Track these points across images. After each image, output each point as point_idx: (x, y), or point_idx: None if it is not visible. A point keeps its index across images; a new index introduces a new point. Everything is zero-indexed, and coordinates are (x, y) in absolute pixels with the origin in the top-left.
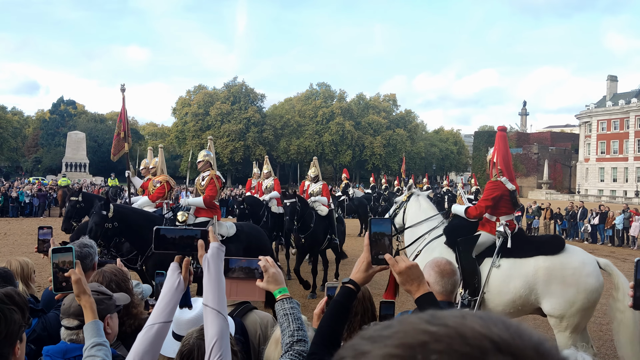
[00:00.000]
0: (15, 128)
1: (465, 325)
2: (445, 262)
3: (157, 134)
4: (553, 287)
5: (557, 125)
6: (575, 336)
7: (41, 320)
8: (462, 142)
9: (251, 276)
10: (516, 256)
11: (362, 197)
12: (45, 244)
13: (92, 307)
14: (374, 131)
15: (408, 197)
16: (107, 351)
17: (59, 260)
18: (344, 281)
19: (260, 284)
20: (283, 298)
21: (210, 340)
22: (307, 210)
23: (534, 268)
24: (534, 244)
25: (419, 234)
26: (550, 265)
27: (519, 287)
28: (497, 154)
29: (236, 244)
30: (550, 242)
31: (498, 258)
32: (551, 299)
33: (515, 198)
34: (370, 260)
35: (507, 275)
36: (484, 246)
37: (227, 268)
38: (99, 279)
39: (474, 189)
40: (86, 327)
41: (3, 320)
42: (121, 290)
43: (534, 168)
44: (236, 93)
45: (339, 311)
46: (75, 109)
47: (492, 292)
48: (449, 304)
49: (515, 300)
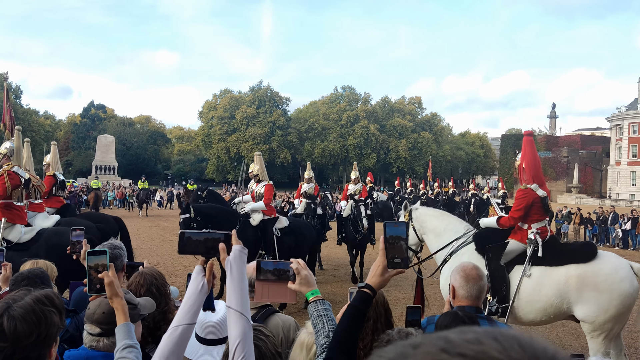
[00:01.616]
0: (47, 132)
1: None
2: (471, 267)
3: (184, 137)
4: (586, 294)
5: (587, 128)
6: (608, 343)
7: (74, 320)
8: (489, 145)
9: (283, 278)
10: (547, 264)
11: (386, 201)
12: (78, 246)
13: (124, 309)
14: (399, 134)
15: (409, 214)
16: (137, 353)
17: (94, 262)
18: (359, 285)
19: (293, 286)
20: (316, 300)
21: (234, 342)
22: None
23: (565, 276)
24: (565, 252)
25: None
26: (582, 272)
27: (550, 296)
28: (525, 159)
29: (290, 236)
30: (582, 249)
31: (529, 266)
32: (584, 305)
33: (547, 204)
34: (386, 265)
35: (538, 284)
36: (513, 254)
37: (259, 270)
38: (139, 281)
39: (501, 193)
40: (118, 329)
41: (44, 322)
42: (161, 294)
43: (564, 172)
44: (261, 97)
45: (355, 316)
46: (105, 113)
47: (523, 300)
48: (476, 309)
49: (547, 308)
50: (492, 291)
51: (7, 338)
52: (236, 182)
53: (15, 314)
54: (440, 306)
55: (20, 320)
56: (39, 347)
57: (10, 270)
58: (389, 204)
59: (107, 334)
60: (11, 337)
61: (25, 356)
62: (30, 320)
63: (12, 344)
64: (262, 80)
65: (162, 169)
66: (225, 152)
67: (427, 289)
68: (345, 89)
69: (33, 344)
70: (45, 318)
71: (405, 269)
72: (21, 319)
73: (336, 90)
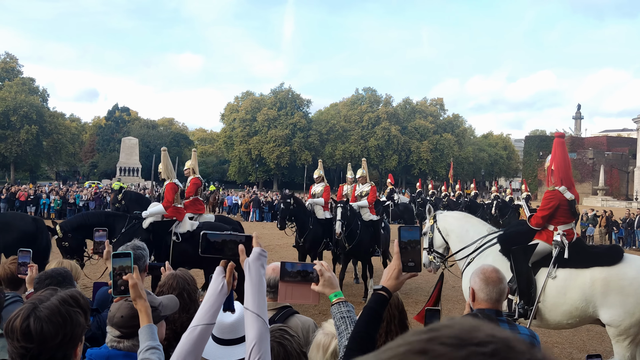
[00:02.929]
0: (73, 134)
1: None
2: (491, 270)
3: (206, 140)
4: (611, 298)
5: (613, 130)
6: (634, 347)
7: (96, 319)
8: (512, 146)
9: (307, 280)
10: (572, 267)
11: (407, 203)
12: (101, 246)
13: (148, 311)
14: (421, 136)
15: (433, 218)
16: (160, 354)
17: (118, 265)
18: (375, 288)
19: (316, 288)
20: (339, 301)
21: (250, 343)
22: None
23: (590, 279)
24: (591, 254)
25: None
26: (607, 276)
27: (575, 299)
28: (554, 161)
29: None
30: (608, 252)
31: (554, 268)
32: (610, 309)
33: (574, 207)
34: (401, 268)
35: (563, 287)
36: (539, 255)
37: (283, 272)
38: (172, 284)
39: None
40: (141, 331)
41: (69, 323)
42: (191, 300)
43: (589, 174)
44: (283, 99)
45: (373, 317)
46: (129, 116)
47: (548, 303)
48: (496, 312)
49: (572, 311)
50: (520, 293)
51: (34, 339)
52: (257, 184)
53: (42, 315)
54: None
55: (46, 321)
56: (65, 348)
57: (36, 272)
58: (410, 206)
59: (127, 337)
60: (37, 338)
61: (51, 356)
62: (56, 321)
63: (38, 344)
64: (283, 83)
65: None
66: (246, 154)
67: (448, 292)
68: (366, 91)
69: (59, 344)
70: (71, 319)
71: (418, 272)
72: (47, 319)
73: (357, 91)
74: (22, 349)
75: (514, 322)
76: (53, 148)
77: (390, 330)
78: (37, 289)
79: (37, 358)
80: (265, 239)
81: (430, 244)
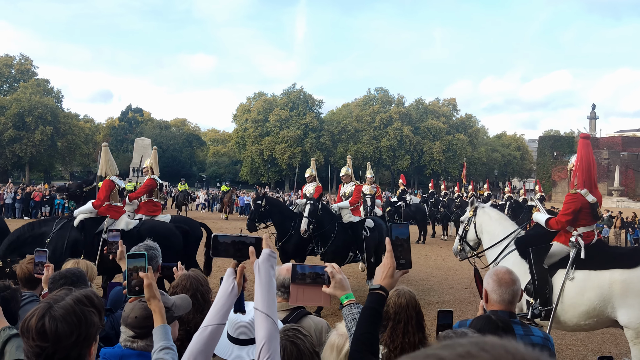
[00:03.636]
0: (87, 135)
1: None
2: (504, 271)
3: (218, 140)
4: (630, 300)
5: (628, 130)
6: None
7: (109, 319)
8: (525, 147)
9: (318, 282)
10: (591, 268)
11: (419, 203)
12: (114, 246)
13: (162, 311)
14: (433, 136)
15: (474, 211)
16: (174, 354)
17: (133, 265)
18: (372, 287)
19: (327, 290)
20: (350, 303)
21: (260, 342)
22: None
23: (609, 281)
24: (611, 255)
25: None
26: (627, 278)
27: (593, 299)
28: (579, 162)
29: None
30: (629, 254)
31: (572, 270)
32: (628, 311)
33: (596, 210)
34: (395, 266)
35: (581, 287)
36: (557, 256)
37: (294, 274)
38: (186, 284)
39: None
40: (155, 331)
41: (84, 323)
42: (205, 301)
43: (604, 174)
44: (294, 99)
45: (374, 317)
46: (142, 116)
47: (566, 304)
48: (509, 314)
49: (590, 312)
50: (536, 294)
51: (49, 338)
52: (269, 185)
53: (57, 315)
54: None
55: (61, 321)
56: (79, 347)
57: (52, 271)
58: (422, 207)
59: (141, 337)
60: (52, 338)
61: (66, 356)
62: (70, 321)
63: (53, 344)
64: (295, 83)
65: (197, 171)
66: (258, 154)
67: (461, 293)
68: (378, 91)
69: (73, 343)
70: (86, 318)
71: (409, 269)
72: (62, 319)
73: (369, 92)
74: (37, 348)
75: (527, 325)
76: (67, 149)
77: (407, 331)
78: (51, 289)
79: (52, 357)
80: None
81: (464, 234)
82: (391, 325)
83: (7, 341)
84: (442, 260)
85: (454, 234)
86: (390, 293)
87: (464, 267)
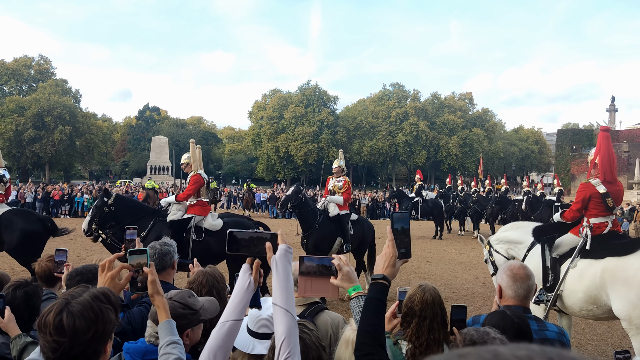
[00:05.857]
0: (105, 134)
1: None
2: (518, 267)
3: (234, 138)
4: (617, 288)
5: None
6: None
7: (126, 315)
8: (543, 140)
9: (325, 274)
10: (593, 257)
11: (436, 199)
12: (131, 244)
13: (165, 307)
14: (450, 131)
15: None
16: (181, 349)
17: (135, 261)
18: (375, 277)
19: (335, 282)
20: (358, 295)
21: (280, 338)
22: None
23: (601, 269)
24: (611, 244)
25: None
26: (615, 266)
27: (588, 287)
28: (598, 154)
29: None
30: (627, 244)
31: (577, 259)
32: (617, 301)
33: (606, 201)
34: (396, 255)
35: (580, 275)
36: (567, 247)
37: (302, 265)
38: (202, 281)
39: (556, 190)
40: (160, 326)
41: (100, 319)
42: (220, 298)
43: (624, 167)
44: (310, 96)
45: (378, 307)
46: (159, 115)
47: (567, 291)
48: (524, 309)
49: (587, 299)
50: (543, 281)
51: (66, 333)
52: (285, 181)
53: (74, 310)
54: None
55: (78, 317)
56: (96, 343)
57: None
58: (439, 202)
59: None
60: (70, 333)
61: (82, 352)
62: (88, 317)
63: (70, 339)
64: (310, 80)
65: (213, 169)
66: (274, 151)
67: (478, 288)
68: (394, 86)
69: (90, 339)
70: (102, 315)
71: (409, 258)
72: (79, 315)
73: (385, 87)
74: (54, 343)
75: (542, 320)
76: (86, 148)
77: (433, 328)
78: (68, 286)
79: (69, 352)
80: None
81: (495, 268)
82: (417, 322)
83: (24, 349)
84: (459, 255)
85: (471, 229)
86: (414, 289)
87: (480, 263)
